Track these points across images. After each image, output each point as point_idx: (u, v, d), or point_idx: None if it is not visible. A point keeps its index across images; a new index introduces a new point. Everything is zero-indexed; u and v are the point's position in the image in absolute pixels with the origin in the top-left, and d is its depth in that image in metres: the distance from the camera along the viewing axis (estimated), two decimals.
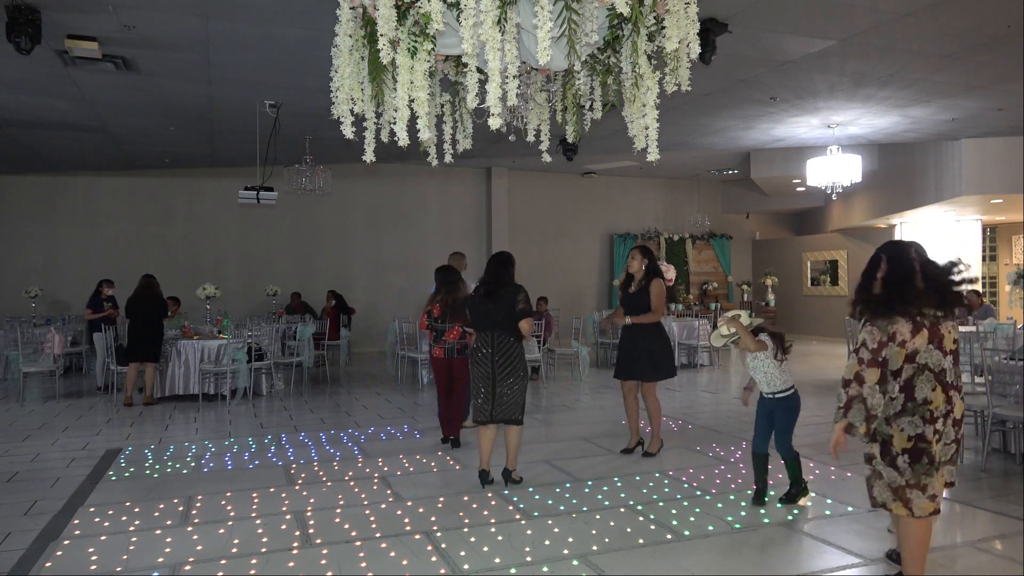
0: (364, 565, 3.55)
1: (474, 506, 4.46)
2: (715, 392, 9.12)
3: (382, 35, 2.81)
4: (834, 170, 10.64)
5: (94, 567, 3.55)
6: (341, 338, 11.82)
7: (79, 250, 13.31)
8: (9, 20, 5.56)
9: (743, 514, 4.28)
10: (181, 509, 4.44)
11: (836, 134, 10.51)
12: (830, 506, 4.42)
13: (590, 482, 4.97)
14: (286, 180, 10.19)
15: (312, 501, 4.59)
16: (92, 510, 4.43)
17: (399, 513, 4.33)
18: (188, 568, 3.53)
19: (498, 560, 3.60)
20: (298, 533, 4.00)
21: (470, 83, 2.92)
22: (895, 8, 5.88)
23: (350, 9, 3.12)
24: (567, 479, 5.06)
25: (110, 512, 4.39)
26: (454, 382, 6.07)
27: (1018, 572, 3.47)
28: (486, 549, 3.74)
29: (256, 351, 8.54)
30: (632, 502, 4.52)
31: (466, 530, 4.02)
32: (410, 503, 4.53)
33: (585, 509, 4.39)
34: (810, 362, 12.02)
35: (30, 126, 9.52)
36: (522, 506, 4.45)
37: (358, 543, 3.83)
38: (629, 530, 4.01)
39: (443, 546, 3.79)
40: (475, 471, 5.06)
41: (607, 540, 3.86)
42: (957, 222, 13.89)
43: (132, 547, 3.81)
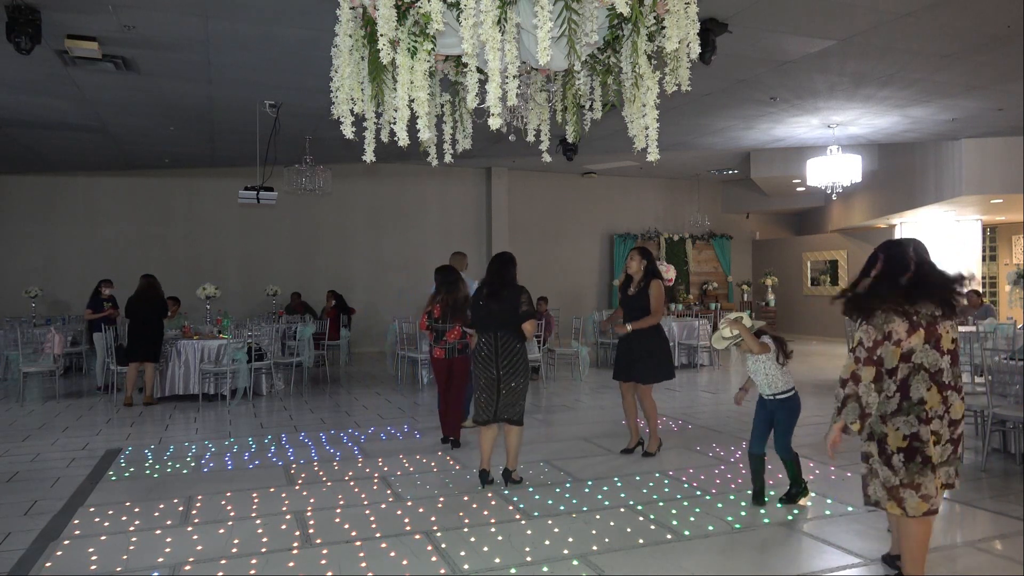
0: (364, 565, 3.55)
1: (474, 506, 4.46)
2: (715, 392, 9.12)
3: (382, 35, 2.81)
4: (834, 170, 10.64)
5: (94, 567, 3.55)
6: (341, 338, 11.82)
7: (79, 250, 13.32)
8: (9, 20, 5.56)
9: (743, 514, 4.28)
10: (181, 509, 4.44)
11: (836, 134, 10.52)
12: (830, 506, 4.42)
13: (590, 482, 4.97)
14: (286, 180, 10.19)
15: (312, 501, 4.59)
16: (92, 510, 4.43)
17: (399, 513, 4.33)
18: (188, 568, 3.53)
19: (498, 560, 3.60)
20: (298, 533, 4.00)
21: (470, 83, 2.92)
22: (895, 8, 5.89)
23: (350, 9, 3.12)
24: (567, 479, 5.06)
25: (110, 512, 4.39)
26: (453, 382, 6.07)
27: (1018, 572, 3.47)
28: (486, 549, 3.74)
29: (256, 351, 8.54)
30: (632, 502, 4.52)
31: (466, 530, 4.02)
32: (410, 503, 4.53)
33: (585, 509, 4.39)
34: (810, 362, 12.02)
35: (30, 126, 9.52)
36: (522, 506, 4.45)
37: (358, 543, 3.83)
38: (629, 530, 4.02)
39: (443, 546, 3.79)
40: (475, 471, 5.07)
41: (607, 540, 3.86)
42: (957, 222, 13.89)
43: (132, 547, 3.81)
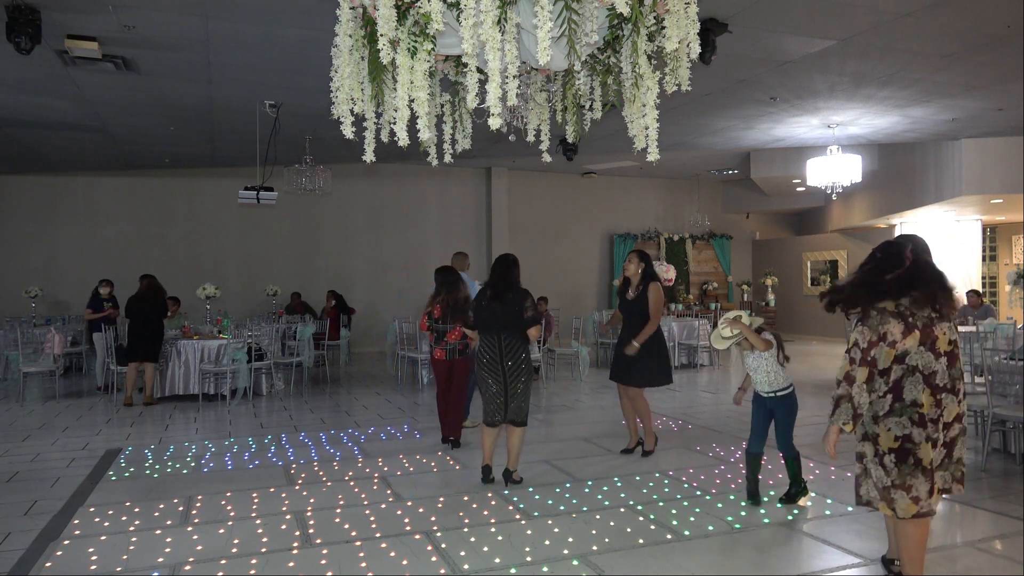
0: (364, 565, 3.55)
1: (474, 506, 4.46)
2: (715, 392, 9.12)
3: (382, 35, 2.81)
4: (834, 170, 10.64)
5: (94, 567, 3.55)
6: (341, 338, 11.82)
7: (79, 250, 13.32)
8: (9, 20, 5.56)
9: (743, 514, 4.28)
10: (181, 509, 4.44)
11: (836, 134, 10.51)
12: (830, 506, 4.42)
13: (590, 482, 4.97)
14: (286, 180, 10.20)
15: (312, 501, 4.59)
16: (92, 510, 4.43)
17: (399, 513, 4.33)
18: (188, 568, 3.53)
19: (498, 560, 3.60)
20: (298, 533, 4.00)
21: (470, 83, 2.92)
22: (895, 8, 5.89)
23: (350, 9, 3.12)
24: (567, 479, 5.06)
25: (110, 512, 4.39)
26: (453, 382, 6.07)
27: (1018, 572, 3.47)
28: (486, 549, 3.74)
29: (256, 351, 8.54)
30: (632, 502, 4.52)
31: (466, 530, 4.02)
32: (410, 503, 4.53)
33: (585, 509, 4.39)
34: (810, 362, 12.02)
35: (30, 126, 9.52)
36: (522, 506, 4.45)
37: (358, 543, 3.83)
38: (629, 530, 4.01)
39: (443, 546, 3.79)
40: (475, 471, 5.07)
41: (607, 540, 3.86)
42: (957, 222, 13.89)
43: (132, 547, 3.81)
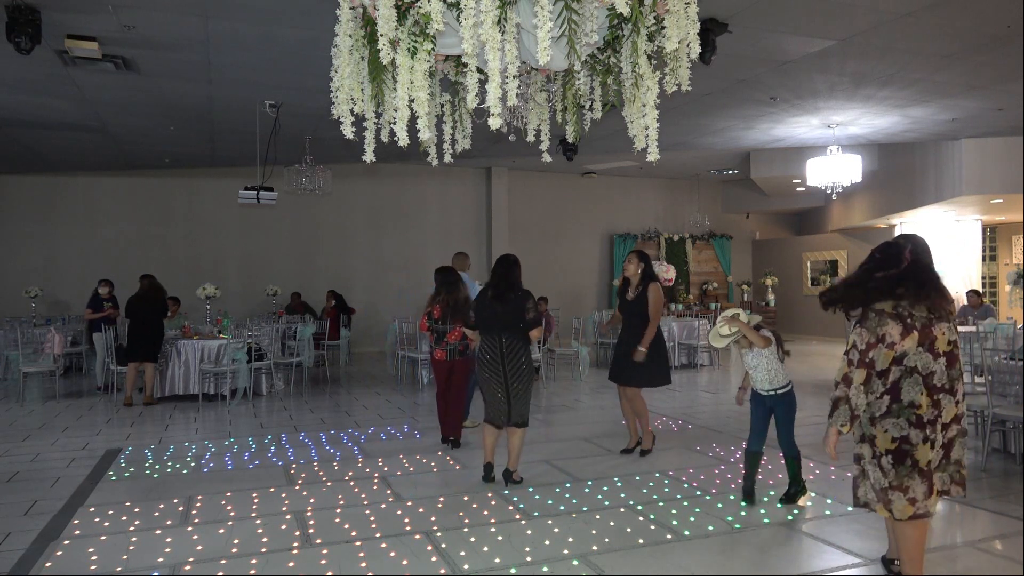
0: (364, 565, 3.55)
1: (474, 506, 4.46)
2: (715, 392, 9.12)
3: (382, 35, 2.81)
4: (834, 170, 10.64)
5: (94, 567, 3.55)
6: (341, 338, 11.82)
7: (79, 250, 13.32)
8: (9, 20, 5.56)
9: (743, 514, 4.28)
10: (181, 509, 4.44)
11: (836, 134, 10.51)
12: (830, 506, 4.41)
13: (590, 482, 4.97)
14: (286, 180, 10.19)
15: (312, 501, 4.59)
16: (92, 510, 4.43)
17: (399, 513, 4.33)
18: (188, 568, 3.53)
19: (498, 560, 3.60)
20: (298, 533, 4.00)
21: (470, 83, 2.92)
22: (895, 8, 5.89)
23: (350, 9, 3.12)
24: (567, 479, 5.06)
25: (110, 512, 4.39)
26: (453, 383, 6.07)
27: (1018, 572, 3.47)
28: (486, 549, 3.74)
29: (256, 351, 8.54)
30: (632, 502, 4.52)
31: (466, 530, 4.02)
32: (410, 503, 4.53)
33: (585, 509, 4.39)
34: (810, 362, 12.02)
35: (30, 126, 9.52)
36: (522, 506, 4.45)
37: (358, 543, 3.83)
38: (629, 530, 4.01)
39: (443, 546, 3.79)
40: (475, 471, 5.08)
41: (607, 540, 3.86)
42: (957, 222, 13.89)
43: (132, 547, 3.81)
